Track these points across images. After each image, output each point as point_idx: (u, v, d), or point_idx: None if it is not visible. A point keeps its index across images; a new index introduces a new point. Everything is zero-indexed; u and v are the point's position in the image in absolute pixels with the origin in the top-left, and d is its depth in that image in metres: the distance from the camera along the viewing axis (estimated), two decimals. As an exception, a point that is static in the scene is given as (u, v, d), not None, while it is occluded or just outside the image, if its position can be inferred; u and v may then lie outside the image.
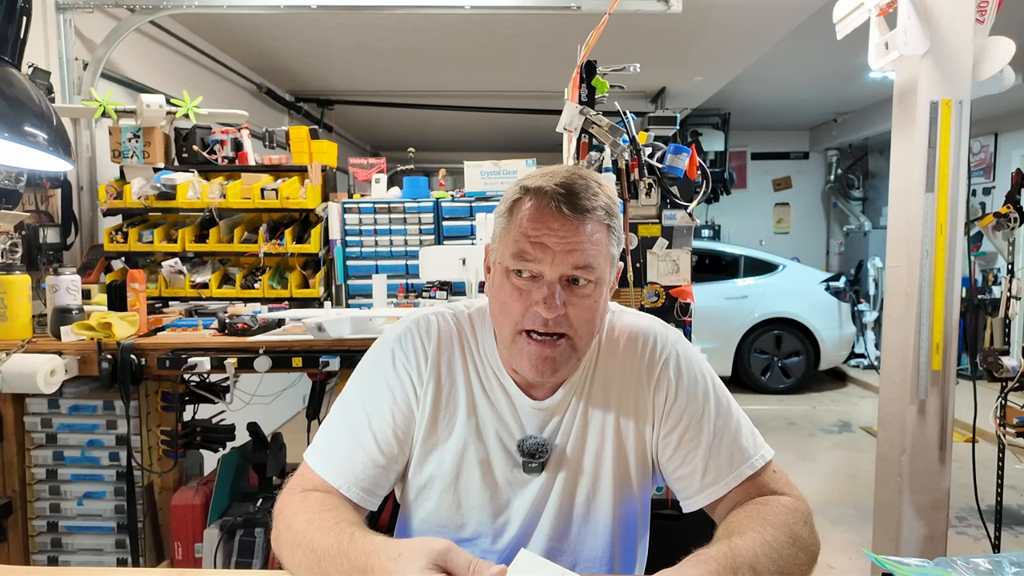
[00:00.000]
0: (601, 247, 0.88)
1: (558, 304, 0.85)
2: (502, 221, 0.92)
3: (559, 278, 0.86)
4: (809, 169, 8.81)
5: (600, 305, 0.90)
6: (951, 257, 1.99)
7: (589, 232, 0.86)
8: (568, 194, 0.86)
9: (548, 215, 0.86)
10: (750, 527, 0.83)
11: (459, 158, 3.53)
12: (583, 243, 0.86)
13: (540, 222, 0.86)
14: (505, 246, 0.89)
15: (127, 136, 2.71)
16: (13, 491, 1.89)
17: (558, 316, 0.86)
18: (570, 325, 0.87)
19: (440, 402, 0.96)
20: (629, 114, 2.00)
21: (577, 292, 0.87)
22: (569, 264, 0.85)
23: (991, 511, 2.38)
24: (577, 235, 0.85)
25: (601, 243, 0.88)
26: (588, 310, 0.88)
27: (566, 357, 0.89)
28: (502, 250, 0.90)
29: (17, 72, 1.21)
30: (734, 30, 4.19)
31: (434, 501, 0.97)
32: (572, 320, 0.87)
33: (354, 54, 4.73)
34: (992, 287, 5.80)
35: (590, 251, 0.86)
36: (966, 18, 1.94)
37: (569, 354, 0.89)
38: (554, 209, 0.85)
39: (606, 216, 0.88)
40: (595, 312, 0.89)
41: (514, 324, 0.89)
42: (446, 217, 2.78)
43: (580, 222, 0.86)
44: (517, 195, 0.91)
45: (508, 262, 0.88)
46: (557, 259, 0.85)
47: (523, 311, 0.87)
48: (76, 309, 1.93)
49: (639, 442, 0.97)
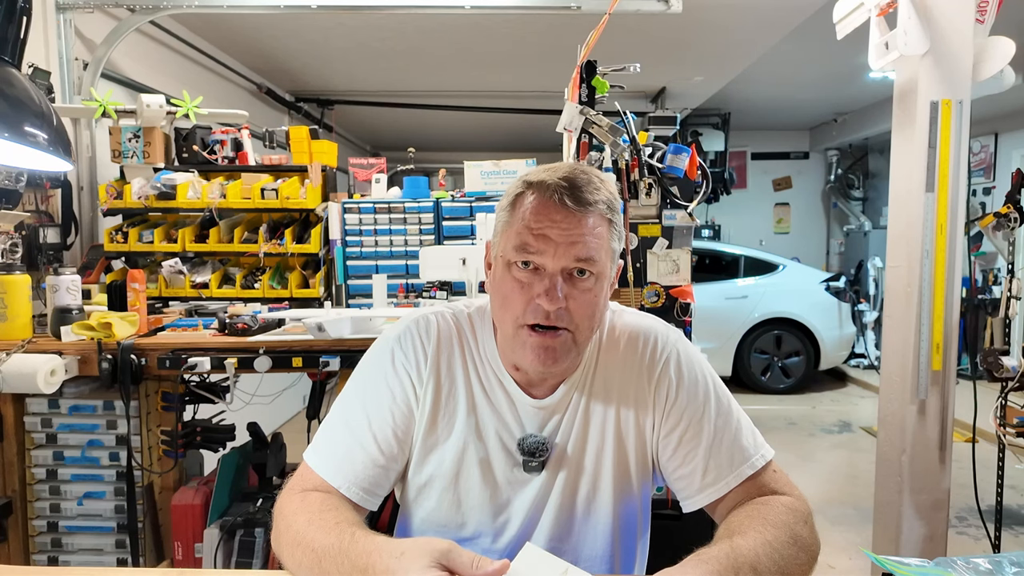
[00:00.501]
0: (603, 241, 0.88)
1: (560, 296, 0.86)
2: (504, 215, 0.92)
3: (561, 270, 0.87)
4: (809, 169, 8.81)
5: (600, 299, 0.90)
6: (951, 257, 1.99)
7: (591, 225, 0.87)
8: (571, 187, 0.87)
9: (551, 208, 0.87)
10: (751, 527, 0.83)
11: (459, 158, 3.53)
12: (585, 236, 0.86)
13: (543, 214, 0.87)
14: (507, 239, 0.90)
15: (127, 136, 2.71)
16: (13, 491, 1.89)
17: (559, 309, 0.86)
18: (571, 319, 0.88)
19: (440, 401, 0.96)
20: (629, 114, 2.00)
21: (578, 285, 0.88)
22: (571, 256, 0.86)
23: (991, 511, 2.38)
24: (579, 228, 0.86)
25: (603, 237, 0.88)
26: (589, 304, 0.88)
27: (567, 349, 0.89)
28: (504, 244, 0.90)
29: (17, 72, 1.21)
30: (734, 30, 4.19)
31: (434, 500, 0.97)
32: (573, 314, 0.87)
33: (354, 54, 4.73)
34: (992, 287, 5.80)
35: (592, 244, 0.87)
36: (966, 18, 1.94)
37: (570, 346, 0.89)
38: (557, 202, 0.86)
39: (608, 211, 0.89)
40: (596, 306, 0.90)
41: (516, 318, 0.89)
42: (446, 217, 2.78)
43: (582, 215, 0.86)
44: (520, 189, 0.91)
45: (510, 255, 0.89)
46: (559, 251, 0.86)
47: (525, 304, 0.88)
48: (76, 309, 1.93)
49: (639, 441, 0.97)
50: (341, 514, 0.85)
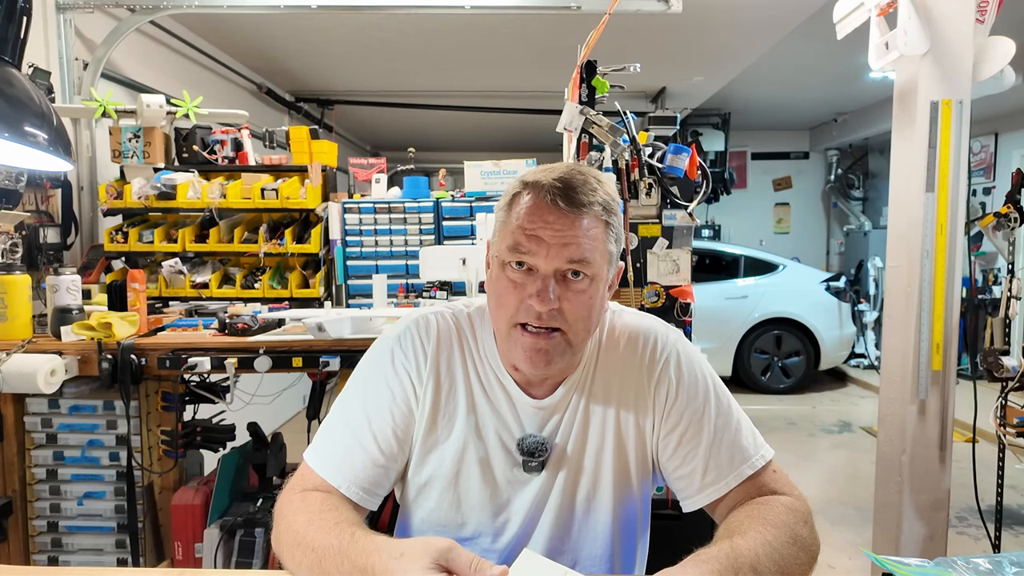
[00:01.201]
0: (597, 243, 0.88)
1: (551, 298, 0.86)
2: (501, 215, 0.92)
3: (554, 272, 0.86)
4: (809, 169, 8.81)
5: (596, 301, 0.90)
6: (951, 257, 1.99)
7: (585, 227, 0.87)
8: (565, 188, 0.86)
9: (544, 209, 0.86)
10: (751, 527, 0.83)
11: (459, 158, 3.53)
12: (578, 237, 0.86)
13: (536, 215, 0.87)
14: (503, 239, 0.90)
15: (127, 136, 2.71)
16: (13, 491, 1.89)
17: (551, 310, 0.86)
18: (564, 320, 0.87)
19: (439, 401, 0.96)
20: (629, 114, 2.00)
21: (572, 287, 0.87)
22: (564, 258, 0.86)
23: (991, 511, 2.38)
24: (572, 229, 0.86)
25: (598, 239, 0.88)
26: (583, 306, 0.88)
27: (560, 351, 0.89)
28: (500, 244, 0.91)
29: (17, 72, 1.21)
30: (734, 30, 4.19)
31: (434, 500, 0.97)
32: (566, 315, 0.87)
33: (354, 54, 4.73)
34: (992, 287, 5.80)
35: (585, 245, 0.86)
36: (966, 18, 1.94)
37: (564, 348, 0.89)
38: (550, 203, 0.86)
39: (604, 212, 0.89)
40: (590, 308, 0.89)
41: (509, 317, 0.89)
42: (446, 217, 2.78)
43: (576, 216, 0.86)
44: (516, 189, 0.91)
45: (504, 255, 0.89)
46: (552, 252, 0.86)
47: (517, 304, 0.88)
48: (76, 309, 1.93)
49: (639, 441, 0.97)
50: (341, 514, 0.85)
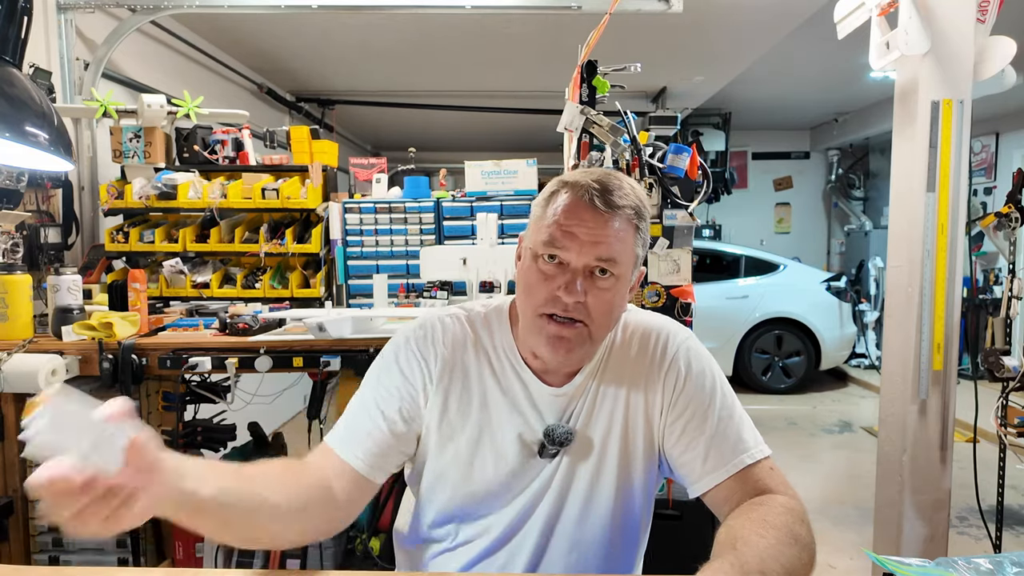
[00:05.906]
0: (626, 244, 0.93)
1: (579, 291, 0.90)
2: (539, 210, 0.97)
3: (583, 267, 0.91)
4: (810, 169, 8.81)
5: (617, 299, 0.95)
6: (952, 257, 1.99)
7: (617, 228, 0.92)
8: (602, 190, 0.92)
9: (581, 207, 0.92)
10: (752, 531, 0.83)
11: (460, 158, 3.53)
12: (610, 237, 0.91)
13: (573, 213, 0.92)
14: (538, 232, 0.94)
15: (128, 136, 2.72)
16: (14, 491, 1.89)
17: (577, 303, 0.91)
18: (587, 314, 0.92)
19: (452, 395, 1.00)
20: (630, 114, 2.00)
21: (598, 283, 0.92)
22: (594, 255, 0.91)
23: (992, 511, 2.38)
24: (605, 229, 0.91)
25: (627, 241, 0.93)
26: (606, 302, 0.93)
27: (581, 341, 0.93)
28: (534, 236, 0.95)
29: (18, 72, 1.22)
30: (734, 30, 4.19)
31: (448, 491, 1.01)
32: (590, 309, 0.92)
33: (354, 54, 4.73)
34: (993, 287, 5.79)
35: (615, 246, 0.91)
36: (967, 18, 1.94)
37: (584, 339, 0.93)
38: (587, 202, 0.91)
39: (635, 216, 0.94)
40: (612, 305, 0.94)
41: (536, 306, 0.93)
42: (447, 217, 2.78)
43: (610, 217, 0.91)
44: (555, 187, 0.97)
45: (539, 248, 0.93)
46: (584, 249, 0.90)
47: (546, 295, 0.92)
48: (77, 309, 1.93)
49: (647, 429, 1.01)
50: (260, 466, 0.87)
